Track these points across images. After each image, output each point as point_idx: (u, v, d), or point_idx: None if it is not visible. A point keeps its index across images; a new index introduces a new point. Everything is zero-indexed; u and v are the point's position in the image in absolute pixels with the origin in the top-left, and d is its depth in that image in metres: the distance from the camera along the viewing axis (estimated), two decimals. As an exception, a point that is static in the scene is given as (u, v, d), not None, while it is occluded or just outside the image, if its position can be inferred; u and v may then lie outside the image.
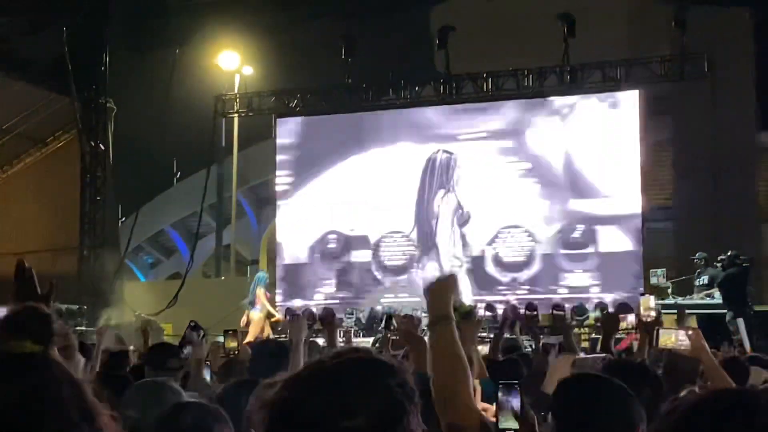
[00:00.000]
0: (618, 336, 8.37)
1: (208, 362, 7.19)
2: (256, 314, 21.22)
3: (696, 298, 18.58)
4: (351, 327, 20.80)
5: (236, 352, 7.66)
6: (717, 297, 18.17)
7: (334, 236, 24.06)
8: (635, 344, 8.36)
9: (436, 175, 23.35)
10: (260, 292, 21.46)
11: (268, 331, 21.27)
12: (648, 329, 6.73)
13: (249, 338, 20.43)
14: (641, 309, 9.31)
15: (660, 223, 25.14)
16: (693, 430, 1.44)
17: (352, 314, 21.87)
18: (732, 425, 1.43)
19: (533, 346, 9.96)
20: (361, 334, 20.70)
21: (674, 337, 5.49)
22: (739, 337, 16.44)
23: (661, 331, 5.74)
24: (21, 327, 2.47)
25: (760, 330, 18.13)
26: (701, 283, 18.85)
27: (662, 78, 22.73)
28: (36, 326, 2.49)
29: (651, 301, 9.82)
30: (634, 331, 8.75)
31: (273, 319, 21.56)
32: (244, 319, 21.28)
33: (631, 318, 8.49)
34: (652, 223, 23.77)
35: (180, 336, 7.64)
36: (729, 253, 17.78)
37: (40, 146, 26.92)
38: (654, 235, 23.63)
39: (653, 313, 9.04)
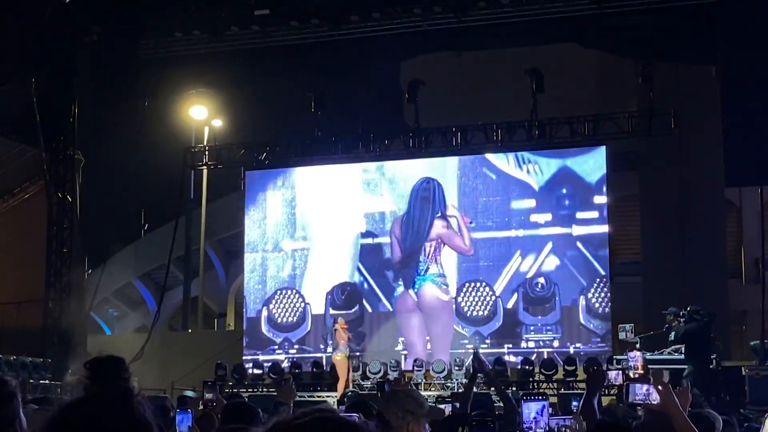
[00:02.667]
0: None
1: None
2: (338, 355, 20.91)
3: (665, 353, 18.57)
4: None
5: (213, 404, 7.55)
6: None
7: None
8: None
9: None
10: (338, 325, 21.19)
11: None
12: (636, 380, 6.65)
13: (340, 386, 20.15)
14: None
15: (628, 278, 25.21)
16: None
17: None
18: None
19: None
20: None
21: (645, 393, 5.45)
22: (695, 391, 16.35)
23: (630, 386, 5.70)
24: None
25: (726, 385, 18.13)
26: (671, 339, 18.86)
27: (630, 134, 22.95)
28: None
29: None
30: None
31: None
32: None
33: (612, 374, 8.40)
34: (620, 278, 23.84)
35: (147, 389, 7.52)
36: (689, 308, 17.82)
37: (6, 197, 26.69)
38: (622, 289, 23.69)
39: (641, 369, 8.97)
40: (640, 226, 26.38)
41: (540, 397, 4.06)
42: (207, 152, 26.07)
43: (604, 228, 22.15)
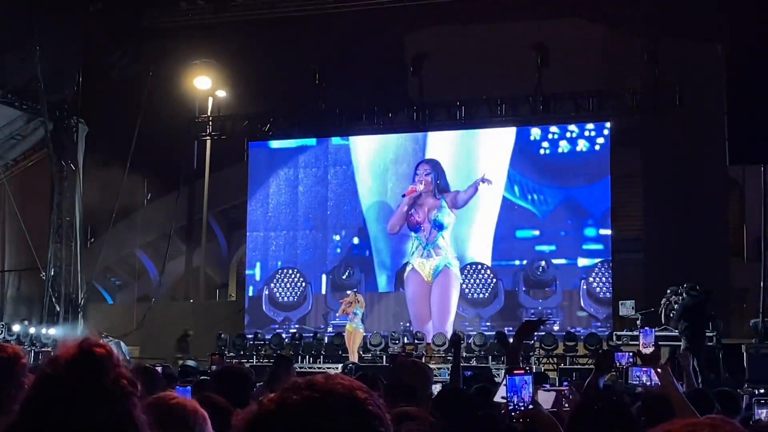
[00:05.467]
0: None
1: None
2: (351, 327, 21.04)
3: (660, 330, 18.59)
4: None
5: None
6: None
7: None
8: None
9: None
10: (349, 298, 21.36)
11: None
12: (648, 362, 6.63)
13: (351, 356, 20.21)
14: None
15: (630, 255, 25.20)
16: None
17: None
18: None
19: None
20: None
21: (645, 376, 5.49)
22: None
23: (630, 369, 5.73)
24: None
25: (726, 363, 18.17)
26: (671, 315, 18.86)
27: (634, 110, 22.91)
28: None
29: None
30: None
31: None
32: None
33: (622, 358, 8.36)
34: (622, 255, 23.84)
35: (148, 358, 7.56)
36: (685, 285, 17.83)
37: (10, 165, 26.69)
38: (624, 266, 23.70)
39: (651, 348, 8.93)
40: (643, 203, 26.34)
41: (523, 372, 4.09)
42: (210, 123, 26.05)
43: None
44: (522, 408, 4.06)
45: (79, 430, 2.22)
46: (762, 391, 14.52)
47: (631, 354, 7.88)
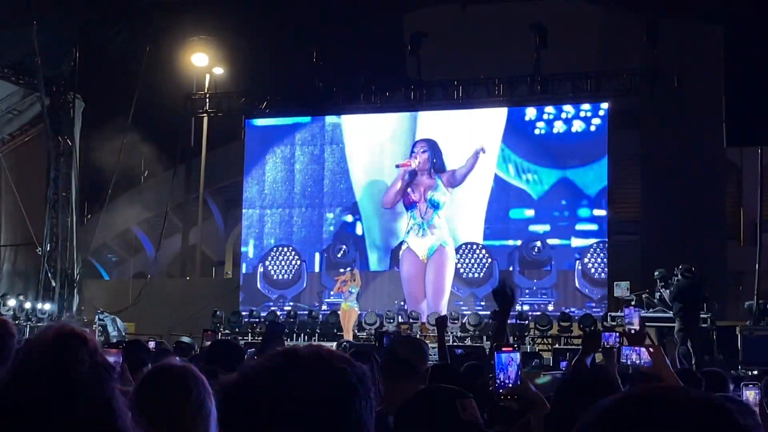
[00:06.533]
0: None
1: None
2: (346, 305, 21.09)
3: (653, 312, 18.63)
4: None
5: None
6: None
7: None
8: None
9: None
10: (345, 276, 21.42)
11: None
12: (634, 341, 6.64)
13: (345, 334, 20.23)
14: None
15: (626, 237, 25.22)
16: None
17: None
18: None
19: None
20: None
21: (635, 355, 5.50)
22: (683, 350, 16.42)
23: (624, 348, 5.74)
24: None
25: (720, 345, 18.21)
26: (666, 296, 18.88)
27: (632, 91, 22.88)
28: None
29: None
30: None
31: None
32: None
33: (610, 337, 8.33)
34: (618, 236, 23.86)
35: (144, 334, 7.56)
36: (680, 266, 17.84)
37: (6, 141, 26.64)
38: (620, 248, 23.74)
39: (636, 326, 8.93)
40: (640, 185, 26.33)
41: (511, 349, 4.09)
42: (208, 100, 26.00)
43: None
44: (509, 385, 4.06)
45: (55, 418, 2.22)
46: (755, 372, 14.59)
47: (617, 334, 7.87)
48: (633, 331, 7.64)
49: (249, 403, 1.83)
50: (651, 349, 5.51)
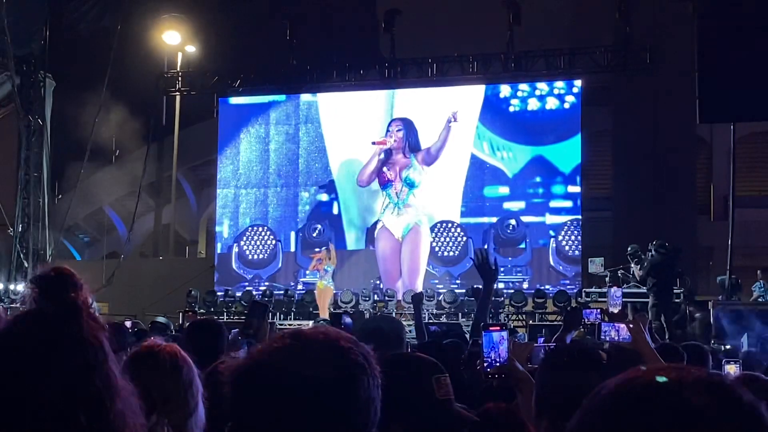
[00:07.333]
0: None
1: None
2: (321, 284, 21.15)
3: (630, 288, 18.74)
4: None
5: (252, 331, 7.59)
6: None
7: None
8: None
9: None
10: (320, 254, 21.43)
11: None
12: (615, 320, 6.69)
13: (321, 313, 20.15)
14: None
15: (599, 213, 25.36)
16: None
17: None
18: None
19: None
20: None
21: (614, 331, 5.53)
22: (657, 325, 16.56)
23: (602, 324, 5.77)
24: None
25: (693, 319, 18.39)
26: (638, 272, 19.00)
27: (605, 68, 22.94)
28: None
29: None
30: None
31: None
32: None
33: (590, 315, 8.38)
34: (591, 213, 23.99)
35: (117, 315, 7.53)
36: (654, 242, 17.96)
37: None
38: (593, 224, 23.87)
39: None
40: (612, 162, 26.47)
41: (500, 328, 4.11)
42: (180, 78, 25.84)
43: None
44: (498, 364, 4.08)
45: (50, 379, 2.21)
46: (728, 347, 14.74)
47: (599, 310, 7.93)
48: (615, 312, 7.70)
49: (261, 385, 1.86)
50: (630, 325, 5.54)
